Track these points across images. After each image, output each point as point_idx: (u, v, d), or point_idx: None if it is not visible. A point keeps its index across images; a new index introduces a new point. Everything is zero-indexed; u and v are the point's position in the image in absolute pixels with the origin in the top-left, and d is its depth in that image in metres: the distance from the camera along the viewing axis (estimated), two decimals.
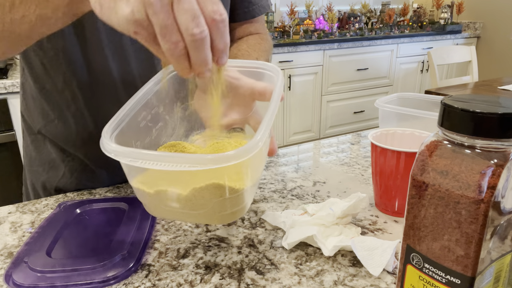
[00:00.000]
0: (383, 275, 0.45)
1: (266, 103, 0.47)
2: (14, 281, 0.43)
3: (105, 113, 0.66)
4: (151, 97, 0.47)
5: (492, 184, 0.27)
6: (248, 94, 0.50)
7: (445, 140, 0.30)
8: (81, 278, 0.43)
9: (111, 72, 0.63)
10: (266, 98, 0.48)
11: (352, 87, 3.43)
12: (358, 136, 0.95)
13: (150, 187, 0.41)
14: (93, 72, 0.63)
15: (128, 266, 0.45)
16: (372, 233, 0.53)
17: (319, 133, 3.40)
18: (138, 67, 0.64)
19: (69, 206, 0.59)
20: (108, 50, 0.61)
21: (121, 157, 0.37)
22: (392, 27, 3.66)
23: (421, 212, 0.31)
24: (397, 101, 0.78)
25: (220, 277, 0.45)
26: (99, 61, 0.61)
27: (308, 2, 3.46)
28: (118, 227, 0.53)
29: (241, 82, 0.49)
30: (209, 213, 0.42)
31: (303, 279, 0.44)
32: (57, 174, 0.72)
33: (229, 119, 0.52)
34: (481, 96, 0.30)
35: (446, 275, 0.30)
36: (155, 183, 0.41)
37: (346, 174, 0.73)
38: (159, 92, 0.48)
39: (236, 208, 0.42)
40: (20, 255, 0.47)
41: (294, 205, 0.61)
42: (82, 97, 0.65)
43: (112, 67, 0.62)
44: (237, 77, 0.49)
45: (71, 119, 0.67)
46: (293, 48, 2.96)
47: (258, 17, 0.79)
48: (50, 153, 0.71)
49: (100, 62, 0.62)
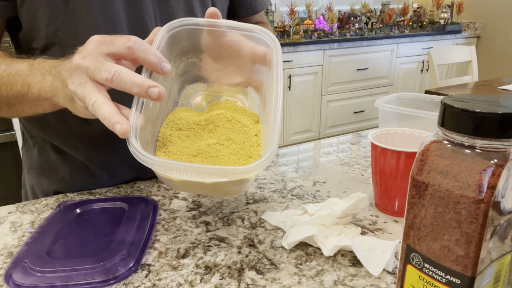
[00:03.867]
0: (383, 275, 0.45)
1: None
2: (14, 281, 0.43)
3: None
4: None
5: (492, 184, 0.27)
6: (249, 57, 0.51)
7: (445, 140, 0.30)
8: (81, 278, 0.43)
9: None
10: (266, 62, 0.50)
11: (352, 87, 3.43)
12: (358, 136, 0.95)
13: (176, 177, 0.43)
14: None
15: (128, 266, 0.45)
16: (372, 233, 0.53)
17: (319, 133, 3.40)
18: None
19: (69, 206, 0.59)
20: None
21: (156, 167, 0.40)
22: (392, 27, 3.66)
23: (421, 212, 0.31)
24: (397, 101, 0.78)
25: (220, 277, 0.45)
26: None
27: (308, 2, 3.46)
28: (118, 227, 0.52)
29: (242, 45, 0.51)
30: (225, 192, 0.48)
31: (303, 279, 0.44)
32: (56, 177, 0.71)
33: (232, 81, 0.54)
34: (481, 96, 0.30)
35: (446, 275, 0.30)
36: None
37: (346, 174, 0.73)
38: None
39: (248, 185, 0.47)
40: (20, 255, 0.47)
41: (294, 205, 0.61)
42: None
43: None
44: (238, 39, 0.51)
45: (71, 121, 0.66)
46: (293, 48, 2.96)
47: (260, 12, 0.81)
48: (50, 156, 0.71)
49: None
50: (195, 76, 0.56)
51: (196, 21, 0.51)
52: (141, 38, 0.61)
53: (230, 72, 0.54)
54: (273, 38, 0.51)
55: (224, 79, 0.55)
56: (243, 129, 0.50)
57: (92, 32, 0.59)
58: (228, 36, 0.51)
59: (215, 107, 0.53)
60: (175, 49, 0.53)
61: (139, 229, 0.52)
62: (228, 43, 0.51)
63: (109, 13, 0.59)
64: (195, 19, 0.51)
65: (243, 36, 0.52)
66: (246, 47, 0.51)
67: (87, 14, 0.58)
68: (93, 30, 0.59)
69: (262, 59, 0.50)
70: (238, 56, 0.52)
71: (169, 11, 0.64)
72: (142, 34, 0.62)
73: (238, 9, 0.77)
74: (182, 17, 0.66)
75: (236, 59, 0.52)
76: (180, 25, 0.50)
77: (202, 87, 0.57)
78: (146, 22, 0.62)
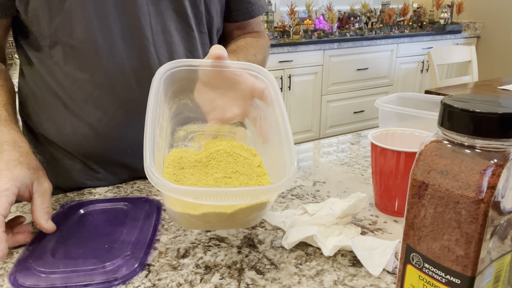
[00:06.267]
0: (383, 275, 0.45)
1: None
2: (17, 281, 0.43)
3: (103, 112, 0.66)
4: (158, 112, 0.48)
5: (492, 184, 0.27)
6: (248, 91, 0.52)
7: (445, 140, 0.30)
8: (81, 279, 0.43)
9: (107, 72, 0.63)
10: (263, 97, 0.51)
11: (352, 87, 3.43)
12: (358, 136, 0.95)
13: (195, 210, 0.42)
14: (92, 68, 0.63)
15: (131, 268, 0.45)
16: (372, 233, 0.53)
17: (319, 133, 3.40)
18: (133, 63, 0.64)
19: (72, 207, 0.59)
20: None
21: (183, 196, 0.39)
22: (392, 27, 3.66)
23: (421, 212, 0.31)
24: (397, 101, 0.78)
25: (220, 277, 0.45)
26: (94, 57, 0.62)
27: (308, 2, 3.46)
28: (121, 228, 0.52)
29: (243, 79, 0.52)
30: (243, 222, 0.46)
31: (303, 279, 0.44)
32: (56, 173, 0.72)
33: (231, 113, 0.54)
34: (481, 96, 0.30)
35: (446, 275, 0.30)
36: (199, 207, 0.42)
37: (346, 174, 0.73)
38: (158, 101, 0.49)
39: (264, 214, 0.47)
40: (24, 256, 0.47)
41: (294, 205, 0.61)
42: (82, 95, 0.65)
43: (108, 67, 0.63)
44: (239, 73, 0.52)
45: (70, 118, 0.67)
46: (293, 48, 2.96)
47: (257, 18, 0.81)
48: (48, 151, 0.71)
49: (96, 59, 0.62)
50: (185, 118, 0.57)
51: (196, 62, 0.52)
52: (135, 38, 0.63)
53: (226, 103, 0.54)
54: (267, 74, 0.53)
55: (219, 110, 0.55)
56: (246, 161, 0.50)
57: (87, 31, 0.60)
58: (230, 68, 0.53)
59: (212, 145, 0.53)
60: (169, 90, 0.53)
61: (142, 231, 0.52)
62: (229, 75, 0.52)
63: (103, 13, 0.60)
64: (195, 60, 0.52)
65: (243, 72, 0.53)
66: (247, 81, 0.52)
67: (81, 14, 0.59)
68: (87, 30, 0.60)
69: (260, 94, 0.51)
70: (237, 89, 0.53)
71: (162, 11, 0.64)
72: (136, 33, 0.62)
73: (234, 13, 0.77)
74: (173, 16, 0.66)
75: (235, 91, 0.53)
76: (179, 66, 0.51)
77: (194, 128, 0.57)
78: (141, 21, 0.62)
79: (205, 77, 0.53)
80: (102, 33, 0.61)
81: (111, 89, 0.64)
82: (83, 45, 0.61)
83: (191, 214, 0.42)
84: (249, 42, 0.75)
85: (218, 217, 0.43)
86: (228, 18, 0.77)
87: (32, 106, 0.70)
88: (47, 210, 0.52)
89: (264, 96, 0.51)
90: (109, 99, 0.65)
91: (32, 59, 0.66)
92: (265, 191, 0.41)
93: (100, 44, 0.61)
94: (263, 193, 0.41)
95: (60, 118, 0.67)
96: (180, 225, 0.54)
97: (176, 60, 0.51)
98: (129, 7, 0.61)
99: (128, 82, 0.64)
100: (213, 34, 0.74)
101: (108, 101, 0.65)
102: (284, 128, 0.46)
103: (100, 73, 0.63)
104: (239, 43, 0.75)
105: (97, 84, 0.64)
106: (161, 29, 0.64)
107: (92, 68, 0.63)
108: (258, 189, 0.43)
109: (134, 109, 0.66)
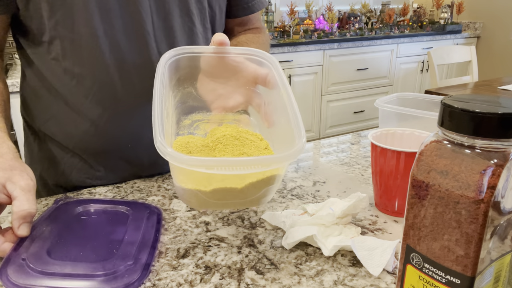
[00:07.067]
0: (383, 275, 0.45)
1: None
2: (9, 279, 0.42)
3: (103, 108, 0.66)
4: (164, 97, 0.48)
5: (492, 184, 0.27)
6: (251, 78, 0.52)
7: (445, 140, 0.30)
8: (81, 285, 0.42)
9: (108, 67, 0.63)
10: (267, 83, 0.51)
11: (352, 87, 3.43)
12: (358, 136, 0.95)
13: (206, 186, 0.43)
14: (92, 63, 0.63)
15: (133, 280, 0.43)
16: (372, 233, 0.53)
17: (319, 133, 3.40)
18: (134, 58, 0.64)
19: (69, 205, 0.58)
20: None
21: (195, 167, 0.39)
22: (392, 27, 3.66)
23: (421, 212, 0.31)
24: (397, 101, 0.78)
25: (220, 277, 0.45)
26: (95, 54, 0.62)
27: (308, 2, 3.46)
28: (123, 234, 0.51)
29: (244, 66, 0.52)
30: (254, 199, 0.46)
31: (303, 279, 0.44)
32: (56, 171, 0.72)
33: (234, 101, 0.54)
34: (481, 96, 0.30)
35: (446, 275, 0.30)
36: (209, 183, 0.42)
37: (346, 174, 0.73)
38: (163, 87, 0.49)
39: (275, 191, 0.47)
40: (18, 251, 0.46)
41: (294, 205, 0.61)
42: (82, 90, 0.65)
43: (109, 62, 0.63)
44: (241, 61, 0.53)
45: (71, 115, 0.67)
46: (293, 48, 2.96)
47: (256, 12, 0.81)
48: (50, 150, 0.72)
49: (96, 54, 0.62)
50: (190, 107, 0.57)
51: (199, 49, 0.52)
52: (137, 32, 0.63)
53: (228, 92, 0.54)
54: (271, 58, 0.53)
55: (222, 99, 0.55)
56: (254, 144, 0.50)
57: (88, 25, 0.60)
58: (231, 56, 0.53)
59: (217, 131, 0.53)
60: (173, 78, 0.53)
61: (144, 237, 0.50)
62: (231, 63, 0.53)
63: (105, 6, 0.60)
64: (198, 47, 0.53)
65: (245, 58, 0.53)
66: (249, 68, 0.52)
67: (83, 8, 0.59)
68: (88, 24, 0.60)
69: (263, 80, 0.51)
70: (240, 77, 0.53)
71: (164, 6, 0.64)
72: (138, 27, 0.62)
73: (234, 8, 0.77)
74: (177, 11, 0.66)
75: (237, 79, 0.53)
76: (182, 52, 0.52)
77: (199, 117, 0.57)
78: (142, 16, 0.62)
79: (207, 66, 0.54)
80: (103, 27, 0.60)
81: (112, 84, 0.64)
82: (83, 39, 0.61)
83: (202, 190, 0.42)
84: (249, 38, 0.76)
85: (229, 193, 0.43)
86: (228, 14, 0.78)
87: (34, 106, 0.70)
88: (22, 214, 0.47)
89: (267, 81, 0.51)
90: (109, 95, 0.65)
91: (32, 58, 0.66)
92: (276, 159, 0.41)
93: (101, 38, 0.61)
94: (274, 162, 0.40)
95: (61, 115, 0.68)
96: (190, 205, 0.53)
97: (179, 47, 0.52)
98: (131, 1, 0.61)
99: (129, 77, 0.64)
100: (216, 31, 0.75)
101: (108, 97, 0.65)
102: (291, 107, 0.47)
103: (100, 68, 0.63)
104: (240, 38, 0.75)
105: (97, 79, 0.64)
106: (163, 25, 0.64)
107: (92, 63, 0.63)
108: (269, 158, 0.42)
109: (134, 104, 0.66)
